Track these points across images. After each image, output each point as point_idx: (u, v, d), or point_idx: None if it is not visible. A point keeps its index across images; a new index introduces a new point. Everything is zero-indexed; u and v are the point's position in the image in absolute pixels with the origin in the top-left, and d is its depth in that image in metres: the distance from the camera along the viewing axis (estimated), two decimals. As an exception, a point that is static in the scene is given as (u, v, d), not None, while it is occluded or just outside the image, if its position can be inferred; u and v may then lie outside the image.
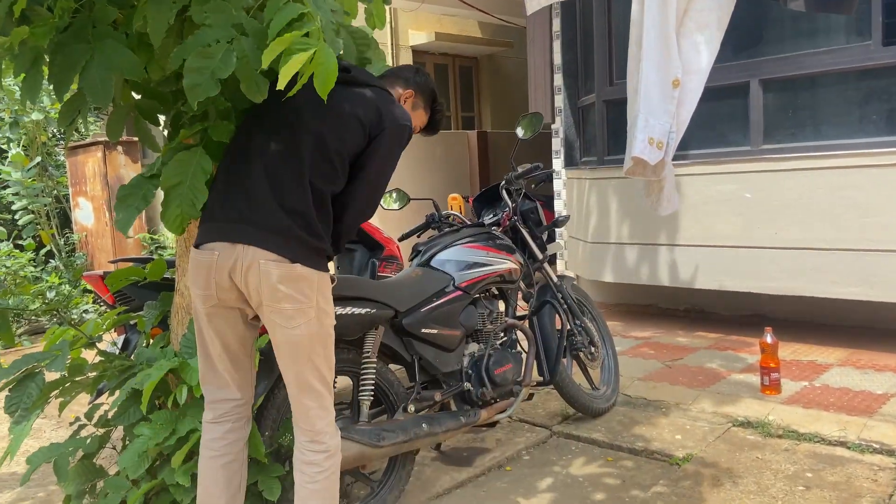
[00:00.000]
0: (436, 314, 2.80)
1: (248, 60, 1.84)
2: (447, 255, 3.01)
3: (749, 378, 3.90)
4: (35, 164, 7.30)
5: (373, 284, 2.69)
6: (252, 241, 1.92)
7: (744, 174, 4.59)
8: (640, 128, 3.15)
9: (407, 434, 2.58)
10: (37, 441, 3.73)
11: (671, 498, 2.71)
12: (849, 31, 4.25)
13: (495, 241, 3.18)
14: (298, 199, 1.94)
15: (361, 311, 2.51)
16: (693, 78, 3.16)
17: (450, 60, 10.65)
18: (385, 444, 2.50)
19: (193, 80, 1.82)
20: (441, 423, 2.74)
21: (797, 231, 4.37)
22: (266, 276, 1.90)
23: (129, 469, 2.22)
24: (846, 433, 3.12)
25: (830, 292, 4.30)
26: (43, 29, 1.94)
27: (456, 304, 2.90)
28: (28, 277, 6.57)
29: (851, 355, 4.21)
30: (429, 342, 2.79)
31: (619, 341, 4.83)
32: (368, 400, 2.58)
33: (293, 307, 1.92)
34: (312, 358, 1.99)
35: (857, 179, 4.14)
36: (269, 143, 2.00)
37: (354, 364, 2.60)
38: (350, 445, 2.37)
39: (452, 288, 2.91)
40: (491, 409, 2.95)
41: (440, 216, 3.38)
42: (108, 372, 2.41)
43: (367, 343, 2.60)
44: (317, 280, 1.96)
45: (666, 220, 4.95)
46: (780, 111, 4.53)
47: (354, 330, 2.53)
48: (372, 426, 2.53)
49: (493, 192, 3.58)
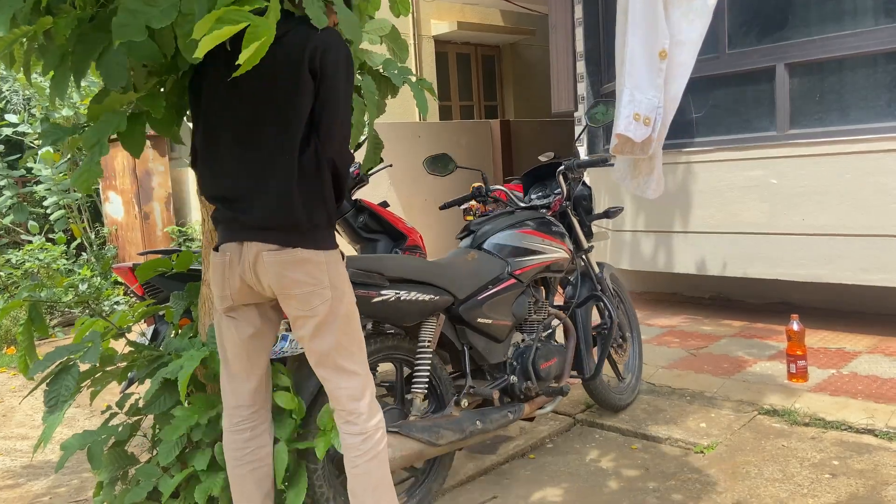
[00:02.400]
0: (491, 303, 2.70)
1: (192, 19, 1.74)
2: (502, 240, 2.89)
3: (775, 366, 3.86)
4: (66, 160, 7.45)
5: (435, 268, 2.57)
6: (250, 236, 1.92)
7: (770, 160, 4.53)
8: (625, 103, 2.99)
9: (463, 432, 2.50)
10: (70, 430, 3.83)
11: (695, 486, 2.71)
12: (877, 12, 4.16)
13: (550, 228, 3.07)
14: (279, 180, 1.87)
15: (425, 298, 2.41)
16: (683, 49, 2.96)
17: (472, 49, 10.62)
18: (443, 443, 2.41)
19: (124, 19, 1.74)
20: (492, 419, 2.65)
21: (825, 217, 4.31)
22: (270, 266, 1.89)
23: (161, 456, 2.27)
24: (874, 421, 3.08)
25: (859, 279, 4.24)
26: (66, 19, 1.96)
27: (510, 293, 2.78)
28: (60, 270, 6.72)
29: (880, 342, 4.15)
30: (481, 332, 2.69)
31: (644, 329, 4.81)
32: (422, 393, 2.47)
33: (305, 291, 1.90)
34: (338, 338, 1.96)
35: (886, 164, 4.07)
36: (235, 129, 1.94)
37: (408, 353, 2.50)
38: (410, 443, 2.30)
39: (507, 275, 2.80)
40: (532, 404, 2.87)
41: (487, 189, 3.27)
42: (137, 362, 2.47)
43: (424, 331, 2.50)
44: (324, 259, 1.92)
45: (691, 208, 4.91)
46: (807, 95, 4.46)
47: (414, 317, 2.44)
48: (430, 422, 2.43)
49: (543, 171, 3.46)
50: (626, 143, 3.05)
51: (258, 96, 1.90)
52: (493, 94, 11.04)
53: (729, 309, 5.20)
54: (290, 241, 1.89)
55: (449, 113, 10.29)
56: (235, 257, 1.95)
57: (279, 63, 1.85)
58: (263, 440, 2.15)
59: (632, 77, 2.99)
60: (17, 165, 7.44)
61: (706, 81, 4.89)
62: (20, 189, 7.78)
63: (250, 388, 2.12)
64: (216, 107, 2.00)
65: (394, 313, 2.37)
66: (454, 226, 8.05)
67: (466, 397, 2.61)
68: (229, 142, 1.96)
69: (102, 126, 2.10)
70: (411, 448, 2.31)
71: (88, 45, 1.97)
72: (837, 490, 2.59)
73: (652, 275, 5.57)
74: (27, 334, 2.44)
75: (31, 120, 7.56)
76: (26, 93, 7.58)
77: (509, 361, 2.84)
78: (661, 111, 2.98)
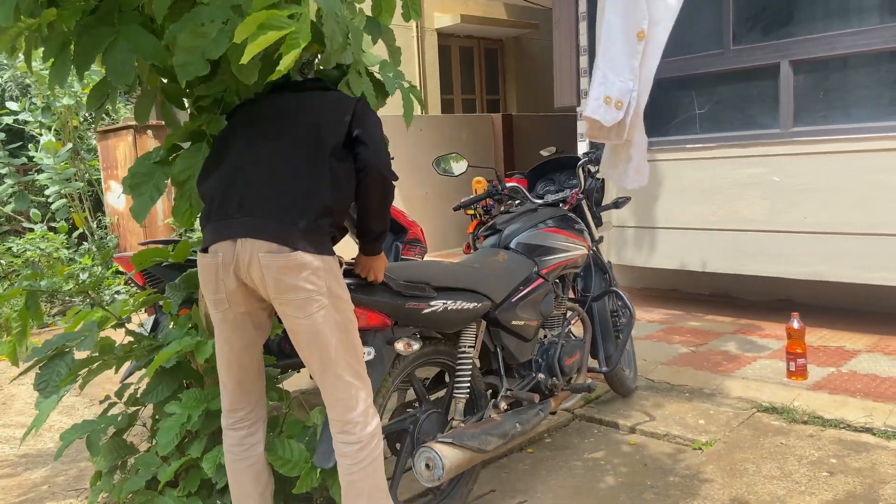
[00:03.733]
0: (523, 304, 2.68)
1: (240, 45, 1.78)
2: (528, 239, 2.87)
3: (775, 363, 3.86)
4: (67, 149, 7.44)
5: (475, 273, 2.55)
6: (249, 233, 1.86)
7: (773, 157, 4.52)
8: (597, 84, 2.89)
9: (506, 436, 2.48)
10: (70, 418, 3.84)
11: (693, 482, 2.71)
12: (882, 10, 4.14)
13: (572, 226, 3.07)
14: (297, 184, 1.89)
15: (470, 307, 2.39)
16: (659, 29, 2.87)
17: (475, 43, 10.59)
18: (490, 449, 2.40)
19: (184, 58, 1.81)
20: (528, 420, 2.62)
21: (826, 215, 4.30)
22: (267, 268, 1.84)
23: (160, 446, 2.28)
24: (872, 420, 3.08)
25: (860, 277, 4.23)
26: (70, 11, 1.96)
27: (539, 293, 2.77)
28: (61, 259, 6.72)
29: (880, 341, 4.15)
30: (514, 333, 2.67)
31: (644, 326, 4.81)
32: (465, 398, 2.46)
33: (302, 297, 1.85)
34: (334, 346, 1.92)
35: (888, 163, 4.06)
36: (261, 133, 1.98)
37: (449, 357, 2.49)
38: (460, 453, 2.28)
39: (535, 275, 2.78)
40: (557, 400, 2.86)
41: (503, 187, 3.24)
42: (136, 352, 2.47)
43: (466, 337, 2.48)
44: (322, 265, 1.87)
45: (692, 204, 4.91)
46: (811, 93, 4.45)
47: (459, 324, 2.43)
48: (479, 429, 2.42)
49: (550, 167, 3.43)
50: (596, 127, 2.95)
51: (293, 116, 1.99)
52: (495, 88, 11.02)
53: (729, 306, 5.20)
54: (293, 243, 1.84)
55: (451, 106, 10.27)
56: (229, 257, 1.89)
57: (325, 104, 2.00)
58: (258, 437, 2.16)
59: (607, 57, 2.90)
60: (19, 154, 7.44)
61: (710, 78, 4.87)
62: (21, 177, 7.77)
63: (243, 391, 2.12)
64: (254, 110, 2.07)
65: (442, 322, 2.36)
66: (454, 219, 8.04)
67: (504, 400, 2.60)
68: (254, 144, 1.98)
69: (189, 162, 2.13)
70: (462, 457, 2.29)
71: (93, 38, 1.97)
72: (835, 488, 2.60)
73: (652, 271, 5.56)
74: (21, 321, 2.45)
75: (31, 108, 7.55)
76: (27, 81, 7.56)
77: (535, 359, 2.84)
78: (634, 95, 2.88)
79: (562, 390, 2.88)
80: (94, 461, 2.49)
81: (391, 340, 2.23)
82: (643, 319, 4.99)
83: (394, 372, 2.27)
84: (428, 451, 2.25)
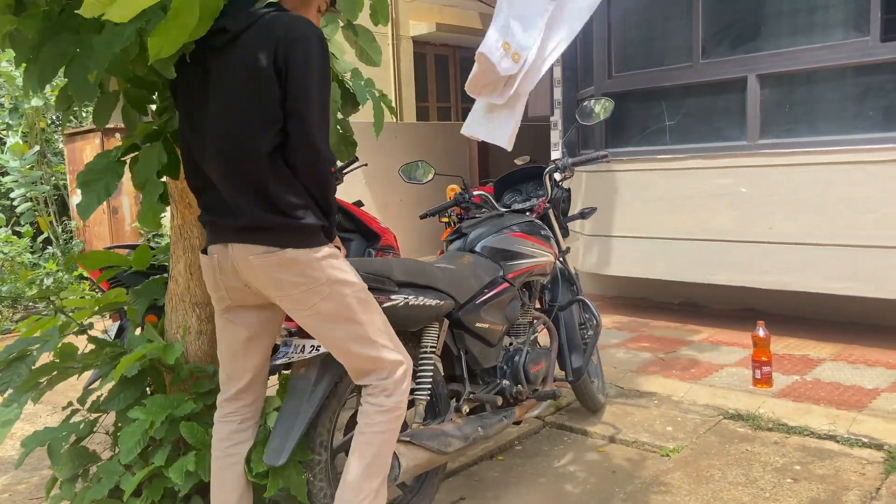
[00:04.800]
0: (488, 307, 2.64)
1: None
2: (494, 243, 2.83)
3: (741, 371, 3.92)
4: (34, 152, 7.31)
5: (438, 271, 2.49)
6: (236, 238, 1.86)
7: (740, 168, 4.60)
8: (499, 27, 2.70)
9: (467, 439, 2.43)
10: (32, 426, 3.75)
11: (660, 489, 2.74)
12: (847, 26, 4.24)
13: (539, 232, 3.05)
14: (256, 182, 1.81)
15: (432, 303, 2.34)
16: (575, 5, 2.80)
17: (451, 51, 10.63)
18: (450, 451, 2.34)
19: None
20: (491, 425, 2.59)
21: (791, 226, 4.39)
22: (260, 270, 1.84)
23: (123, 453, 2.23)
24: (836, 427, 3.14)
25: (824, 287, 4.32)
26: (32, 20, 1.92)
27: (504, 297, 2.73)
28: (25, 264, 6.58)
29: (843, 350, 4.23)
30: (478, 336, 2.62)
31: (615, 333, 4.86)
32: (425, 400, 2.38)
33: (301, 291, 1.85)
34: (350, 328, 1.91)
35: (851, 175, 4.15)
36: (212, 130, 1.87)
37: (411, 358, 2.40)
38: (421, 453, 2.24)
39: (501, 279, 2.74)
40: (522, 408, 2.82)
41: (469, 195, 3.22)
42: (99, 359, 2.43)
43: (427, 336, 2.43)
44: (315, 258, 1.85)
45: (661, 214, 4.97)
46: (778, 106, 4.54)
47: (420, 322, 2.38)
48: (438, 430, 2.36)
49: (517, 177, 3.42)
50: (483, 73, 2.76)
51: (229, 97, 1.83)
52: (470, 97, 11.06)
53: (697, 314, 5.27)
54: (281, 241, 1.82)
55: (426, 114, 10.29)
56: (223, 259, 1.91)
57: (242, 62, 1.79)
58: (246, 436, 2.14)
59: (514, 5, 2.74)
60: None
61: (679, 90, 4.95)
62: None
63: (241, 386, 2.10)
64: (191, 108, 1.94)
65: (402, 318, 2.27)
66: (428, 227, 8.04)
67: (467, 403, 2.56)
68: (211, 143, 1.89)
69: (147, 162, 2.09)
70: (422, 457, 2.24)
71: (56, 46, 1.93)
72: (799, 494, 2.64)
73: (622, 279, 5.62)
74: None
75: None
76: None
77: (500, 365, 2.79)
78: (532, 54, 2.71)
79: (527, 398, 2.84)
80: (54, 469, 2.44)
81: None
82: (613, 327, 5.03)
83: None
84: None
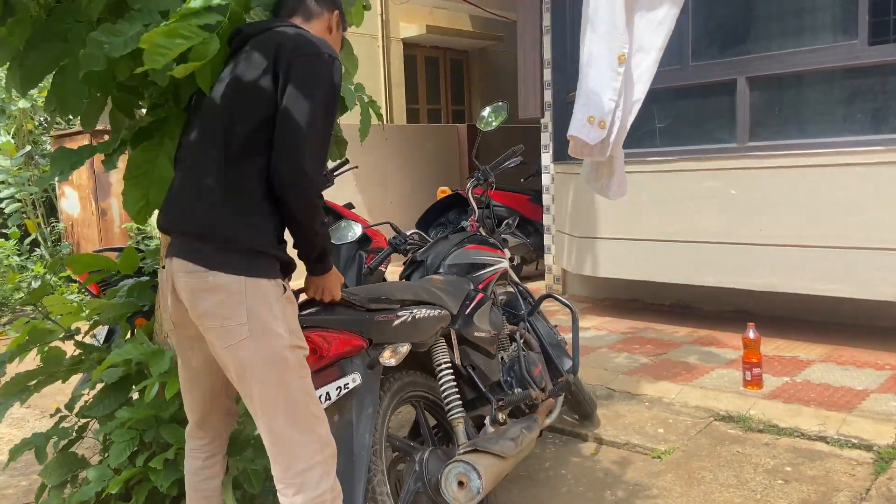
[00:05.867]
0: (476, 315, 2.58)
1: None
2: (455, 259, 2.81)
3: (732, 373, 3.93)
4: (23, 152, 7.25)
5: (420, 289, 2.38)
6: (173, 252, 1.69)
7: (729, 171, 4.62)
8: (581, 105, 3.03)
9: (517, 440, 2.25)
10: (20, 431, 3.72)
11: (652, 491, 2.74)
12: (835, 29, 4.27)
13: (488, 241, 3.04)
14: (208, 191, 1.65)
15: (435, 314, 2.23)
16: (647, 56, 3.07)
17: (441, 54, 10.63)
18: (511, 455, 2.18)
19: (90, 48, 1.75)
20: (530, 426, 2.44)
21: (781, 228, 4.41)
22: (183, 289, 1.65)
23: (112, 457, 2.22)
24: (826, 428, 3.15)
25: (813, 289, 4.34)
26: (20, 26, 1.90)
27: (484, 306, 2.68)
28: (13, 266, 6.53)
29: (833, 351, 4.25)
30: (478, 348, 2.54)
31: (605, 336, 4.87)
32: (463, 417, 2.22)
33: (218, 325, 1.62)
34: (260, 390, 1.64)
35: (840, 177, 4.18)
36: (188, 136, 1.78)
37: (426, 388, 2.28)
38: (491, 458, 2.07)
39: (474, 291, 2.69)
40: (541, 413, 2.71)
41: (405, 237, 3.08)
42: (86, 364, 2.41)
43: (437, 352, 2.30)
44: (245, 289, 1.61)
45: (651, 216, 4.98)
46: (767, 109, 4.56)
47: (429, 335, 2.25)
48: (492, 435, 2.21)
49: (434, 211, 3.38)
50: (580, 145, 3.07)
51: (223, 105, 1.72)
52: (460, 99, 11.06)
53: (688, 316, 5.28)
54: (208, 262, 1.62)
55: (417, 116, 10.28)
56: (165, 276, 1.75)
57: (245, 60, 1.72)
58: (214, 472, 1.99)
59: (588, 79, 3.04)
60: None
61: (669, 92, 4.96)
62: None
63: (197, 419, 1.95)
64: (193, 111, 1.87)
65: (414, 332, 2.20)
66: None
67: (500, 411, 2.42)
68: (184, 149, 1.81)
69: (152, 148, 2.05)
70: (494, 463, 2.07)
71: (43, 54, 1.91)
72: (790, 496, 2.64)
73: (613, 281, 5.63)
74: None
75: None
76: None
77: (504, 379, 2.72)
78: (619, 114, 3.00)
79: (542, 401, 2.77)
80: (42, 476, 2.42)
81: (372, 364, 2.00)
82: (604, 330, 5.04)
83: (384, 397, 2.08)
84: (457, 467, 2.00)
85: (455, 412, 2.24)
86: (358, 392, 1.94)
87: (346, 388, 1.92)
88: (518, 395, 2.56)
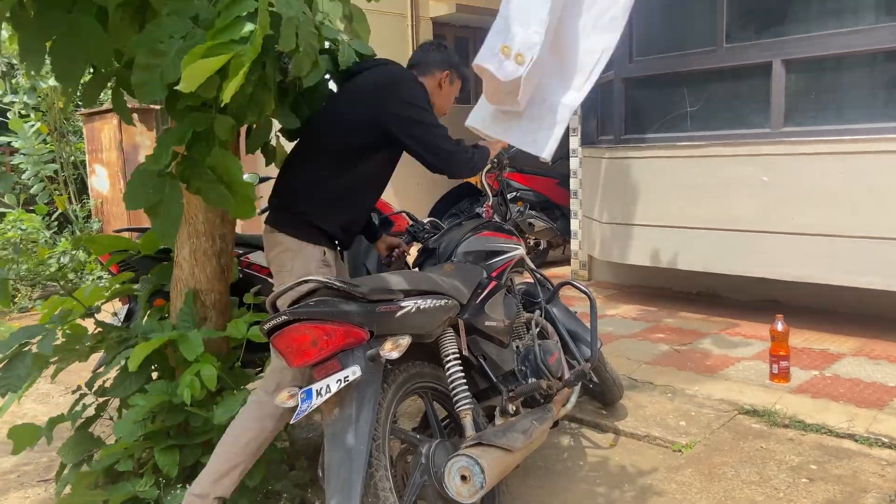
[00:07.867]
0: (488, 304, 2.52)
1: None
2: (469, 247, 2.76)
3: (758, 365, 3.84)
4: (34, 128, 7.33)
5: (432, 280, 2.33)
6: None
7: (762, 157, 4.48)
8: (496, 31, 2.60)
9: (527, 433, 2.21)
10: (45, 406, 3.79)
11: (671, 486, 2.68)
12: (878, 9, 4.09)
13: (503, 228, 2.98)
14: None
15: (440, 304, 2.19)
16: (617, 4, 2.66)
17: (471, 34, 10.49)
18: (518, 447, 2.13)
19: (141, 77, 1.73)
20: (542, 418, 2.39)
21: (814, 217, 4.27)
22: None
23: (125, 437, 2.23)
24: (854, 425, 3.06)
25: (846, 280, 4.21)
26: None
27: (497, 294, 2.62)
28: (41, 242, 6.63)
29: (865, 345, 4.13)
30: (489, 337, 2.50)
31: (630, 324, 4.79)
32: (471, 407, 2.19)
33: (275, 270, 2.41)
34: None
35: (878, 165, 4.02)
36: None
37: (434, 379, 2.26)
38: (495, 452, 2.03)
39: (487, 279, 2.63)
40: (557, 403, 2.66)
41: (422, 226, 3.06)
42: (106, 343, 2.42)
43: (445, 343, 2.26)
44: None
45: (682, 202, 4.87)
46: (803, 93, 4.40)
47: (434, 326, 2.21)
48: (499, 428, 2.18)
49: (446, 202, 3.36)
50: (492, 86, 2.66)
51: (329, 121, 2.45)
52: (489, 80, 10.95)
53: (716, 305, 5.18)
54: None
55: (445, 96, 10.20)
56: None
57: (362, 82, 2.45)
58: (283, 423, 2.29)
59: (513, 6, 2.59)
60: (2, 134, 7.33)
61: (702, 75, 4.82)
62: (6, 158, 7.66)
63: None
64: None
65: (418, 323, 2.14)
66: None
67: (510, 402, 2.38)
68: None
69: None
70: (498, 457, 2.03)
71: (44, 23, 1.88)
72: (814, 495, 2.57)
73: (641, 268, 5.53)
74: None
75: (17, 87, 7.43)
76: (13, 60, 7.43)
77: (518, 368, 2.67)
78: (538, 50, 2.51)
79: (557, 391, 2.69)
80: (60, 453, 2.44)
81: (374, 356, 1.96)
82: (629, 318, 4.96)
83: (388, 390, 2.04)
84: (459, 461, 1.96)
85: (462, 403, 2.19)
86: (359, 385, 1.90)
87: (346, 380, 1.88)
88: (529, 386, 2.50)
